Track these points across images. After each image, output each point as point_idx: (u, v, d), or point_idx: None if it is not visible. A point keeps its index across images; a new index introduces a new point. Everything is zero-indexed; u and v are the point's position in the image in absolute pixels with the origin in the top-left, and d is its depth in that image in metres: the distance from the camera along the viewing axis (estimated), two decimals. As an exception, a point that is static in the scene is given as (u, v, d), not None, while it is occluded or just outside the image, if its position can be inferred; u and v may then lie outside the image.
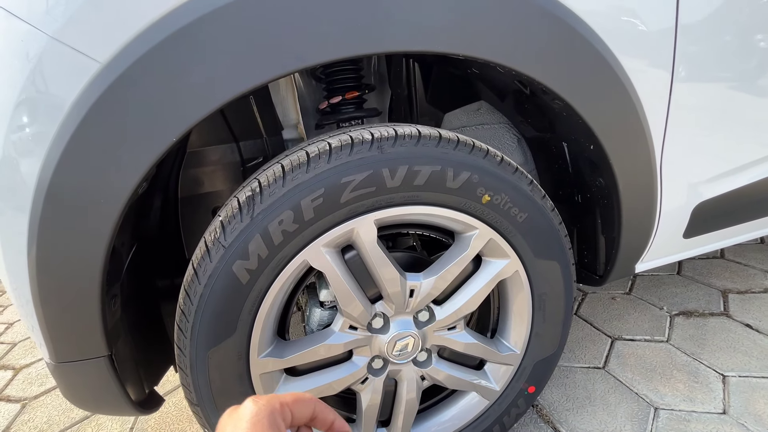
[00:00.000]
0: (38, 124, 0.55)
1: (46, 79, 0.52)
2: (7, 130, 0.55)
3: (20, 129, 0.55)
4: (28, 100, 0.54)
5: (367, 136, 0.64)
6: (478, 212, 0.71)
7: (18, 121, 0.54)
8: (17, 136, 0.55)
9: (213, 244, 0.62)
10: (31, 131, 0.55)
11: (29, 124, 0.54)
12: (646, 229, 0.85)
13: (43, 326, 0.62)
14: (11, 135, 0.55)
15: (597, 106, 0.70)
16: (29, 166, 0.55)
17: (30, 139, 0.54)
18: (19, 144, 0.55)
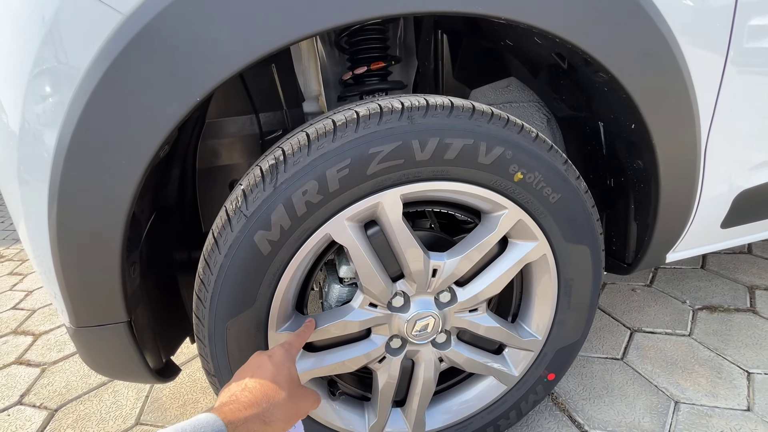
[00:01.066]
0: (57, 82, 0.53)
1: (65, 32, 0.50)
2: (26, 91, 0.53)
3: (39, 88, 0.53)
4: (47, 56, 0.52)
5: (396, 105, 0.61)
6: (508, 191, 0.67)
7: (36, 80, 0.52)
8: (36, 98, 0.53)
9: (234, 213, 0.60)
10: (50, 90, 0.53)
11: (48, 83, 0.52)
12: (683, 217, 0.81)
13: (63, 291, 0.62)
14: (30, 96, 0.53)
15: (646, 81, 0.65)
16: (49, 128, 0.53)
17: (49, 99, 0.52)
18: (38, 105, 0.54)
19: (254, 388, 0.50)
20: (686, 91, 0.68)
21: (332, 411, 0.78)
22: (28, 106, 0.54)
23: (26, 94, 0.53)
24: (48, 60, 0.52)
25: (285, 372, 0.53)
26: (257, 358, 0.55)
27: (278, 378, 0.52)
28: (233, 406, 0.47)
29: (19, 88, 0.54)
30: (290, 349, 0.58)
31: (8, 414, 1.21)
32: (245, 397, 0.48)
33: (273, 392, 0.50)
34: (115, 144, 0.53)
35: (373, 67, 0.85)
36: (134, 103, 0.53)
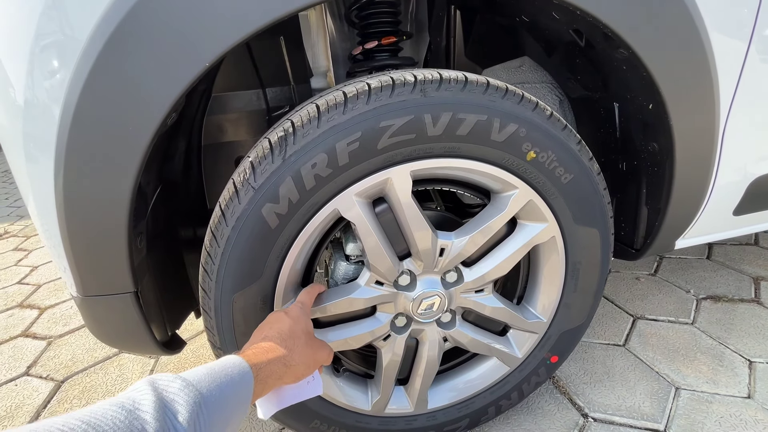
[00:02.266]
0: (59, 52, 0.51)
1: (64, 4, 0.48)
2: (29, 64, 0.52)
3: (42, 60, 0.52)
4: (48, 27, 0.51)
5: (409, 78, 0.59)
6: (520, 170, 0.66)
7: (39, 52, 0.51)
8: (39, 70, 0.52)
9: (242, 185, 0.59)
10: (53, 61, 0.52)
11: (50, 54, 0.51)
12: (696, 202, 0.79)
13: (71, 260, 0.61)
14: (33, 68, 0.52)
15: (667, 58, 0.63)
16: (53, 100, 0.52)
17: (52, 70, 0.51)
18: (42, 77, 0.52)
19: (274, 336, 0.54)
20: (708, 72, 0.66)
21: (336, 387, 0.79)
22: (32, 79, 0.53)
23: (29, 67, 0.52)
24: (50, 31, 0.51)
25: (302, 323, 0.58)
26: (274, 314, 0.59)
27: (295, 328, 0.56)
28: (256, 350, 0.50)
29: (22, 62, 0.53)
30: (303, 306, 0.63)
31: (16, 384, 1.23)
32: (267, 344, 0.52)
33: (291, 340, 0.54)
34: (121, 112, 0.52)
35: (384, 41, 0.83)
36: (141, 70, 0.51)
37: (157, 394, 0.35)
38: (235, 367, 0.44)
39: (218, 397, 0.40)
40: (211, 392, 0.39)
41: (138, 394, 0.35)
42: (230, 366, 0.44)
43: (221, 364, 0.44)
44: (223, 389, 0.41)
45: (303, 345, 0.55)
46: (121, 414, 0.32)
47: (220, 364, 0.44)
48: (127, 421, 0.32)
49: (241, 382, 0.44)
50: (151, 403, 0.34)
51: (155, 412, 0.33)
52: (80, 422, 0.30)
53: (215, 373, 0.42)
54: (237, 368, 0.44)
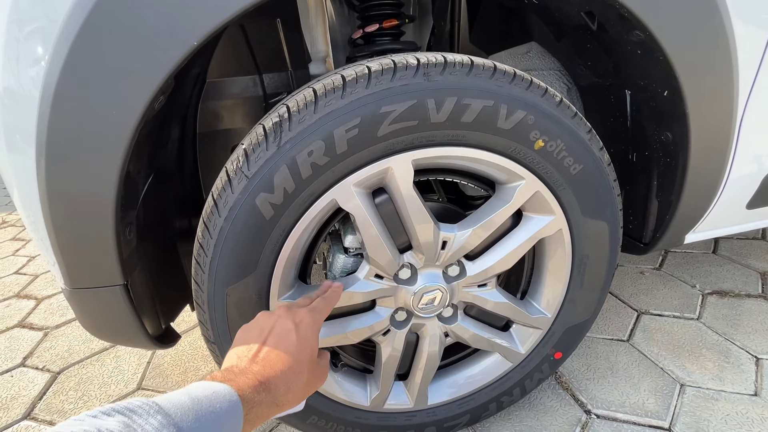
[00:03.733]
0: (35, 35, 0.48)
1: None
2: (5, 42, 0.49)
3: (18, 39, 0.48)
4: (22, 7, 0.47)
5: (412, 61, 0.56)
6: (527, 160, 0.63)
7: (14, 31, 0.47)
8: (14, 54, 0.49)
9: (235, 173, 0.56)
10: (29, 41, 0.48)
11: (26, 33, 0.48)
12: (709, 195, 0.76)
13: (56, 251, 0.59)
14: (7, 52, 0.49)
15: (686, 42, 0.59)
16: (31, 83, 0.49)
17: (29, 51, 0.48)
18: (19, 58, 0.49)
19: (276, 363, 0.46)
20: (729, 58, 0.62)
21: (334, 382, 0.77)
22: (8, 64, 0.50)
23: (4, 51, 0.49)
24: (25, 10, 0.47)
25: (308, 350, 0.49)
26: (284, 322, 0.50)
27: (301, 356, 0.48)
28: (249, 380, 0.42)
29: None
30: (318, 318, 0.54)
31: (11, 375, 1.21)
32: (265, 373, 0.44)
33: (293, 375, 0.46)
34: (103, 95, 0.49)
35: (386, 24, 0.79)
36: (123, 50, 0.48)
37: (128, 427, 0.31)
38: (225, 402, 0.38)
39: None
40: (191, 427, 0.34)
41: (113, 424, 0.30)
42: (219, 400, 0.38)
43: (206, 393, 0.38)
44: (205, 422, 0.35)
45: (303, 382, 0.48)
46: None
47: (207, 396, 0.38)
48: None
49: (228, 415, 0.38)
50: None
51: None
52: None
53: (199, 404, 0.36)
54: (227, 403, 0.38)
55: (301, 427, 0.78)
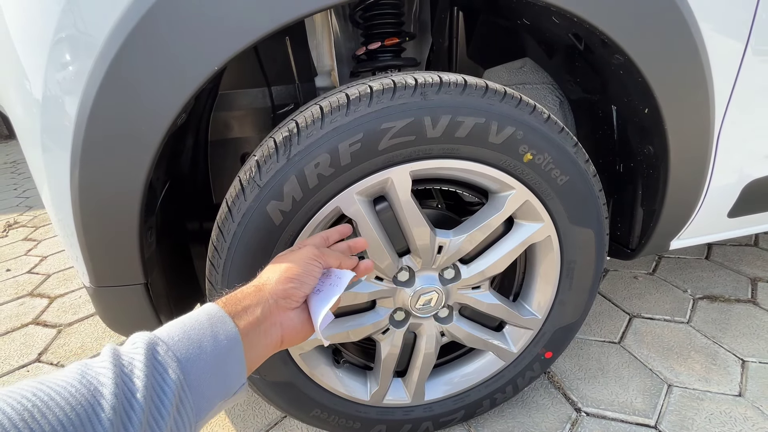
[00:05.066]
0: (78, 49, 0.54)
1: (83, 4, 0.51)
2: (48, 58, 0.54)
3: (61, 56, 0.54)
4: (68, 23, 0.53)
5: (410, 81, 0.61)
6: (517, 171, 0.68)
7: (58, 48, 0.53)
8: (58, 65, 0.54)
9: (248, 183, 0.62)
10: (71, 58, 0.54)
11: (69, 51, 0.53)
12: (690, 204, 0.81)
13: (84, 252, 0.64)
14: (52, 63, 0.55)
15: (662, 64, 0.64)
16: (70, 96, 0.55)
17: (70, 67, 0.53)
18: (60, 72, 0.55)
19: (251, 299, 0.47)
20: (703, 77, 0.67)
21: (336, 378, 0.82)
22: (51, 74, 0.55)
23: (48, 62, 0.55)
24: (69, 27, 0.53)
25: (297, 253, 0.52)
26: None
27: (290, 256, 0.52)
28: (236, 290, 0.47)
29: (41, 56, 0.55)
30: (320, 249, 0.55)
31: (27, 370, 1.27)
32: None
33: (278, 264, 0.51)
34: (135, 111, 0.55)
35: (387, 42, 0.85)
36: (153, 72, 0.54)
37: (114, 346, 0.35)
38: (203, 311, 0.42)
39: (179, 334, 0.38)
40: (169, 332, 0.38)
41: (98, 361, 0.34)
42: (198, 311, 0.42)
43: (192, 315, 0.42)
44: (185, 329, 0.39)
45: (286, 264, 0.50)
46: (75, 366, 0.32)
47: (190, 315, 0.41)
48: (78, 370, 0.31)
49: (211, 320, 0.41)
50: (108, 352, 0.33)
51: (110, 357, 0.33)
52: (34, 380, 0.30)
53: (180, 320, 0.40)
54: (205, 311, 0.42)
55: (305, 420, 0.83)
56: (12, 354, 1.35)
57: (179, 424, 0.35)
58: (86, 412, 0.29)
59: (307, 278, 0.50)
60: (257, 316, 0.45)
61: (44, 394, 0.28)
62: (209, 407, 0.39)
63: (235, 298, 0.46)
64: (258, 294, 0.47)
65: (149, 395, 0.33)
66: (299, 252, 0.53)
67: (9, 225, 2.59)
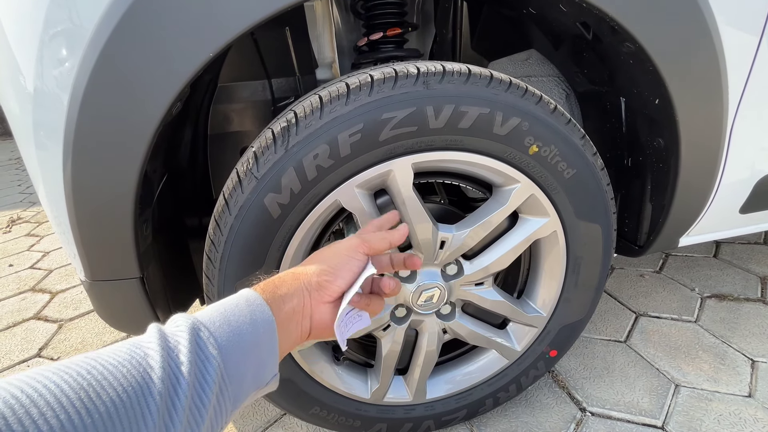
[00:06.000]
0: (68, 41, 0.52)
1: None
2: (38, 52, 0.53)
3: (50, 49, 0.53)
4: (56, 16, 0.51)
5: (412, 70, 0.59)
6: (522, 164, 0.66)
7: (47, 40, 0.51)
8: (48, 58, 0.53)
9: (245, 174, 0.60)
10: (61, 50, 0.52)
11: (59, 43, 0.52)
12: (701, 200, 0.79)
13: (79, 245, 0.63)
14: (42, 57, 0.53)
15: (675, 52, 0.62)
16: (61, 85, 0.53)
17: (61, 59, 0.52)
18: (51, 65, 0.53)
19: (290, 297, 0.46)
20: (717, 67, 0.65)
21: (336, 376, 0.80)
22: (41, 67, 0.54)
23: (38, 55, 0.53)
24: (58, 18, 0.52)
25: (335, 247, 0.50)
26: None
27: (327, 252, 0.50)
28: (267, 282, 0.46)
29: (31, 49, 0.53)
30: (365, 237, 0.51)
31: (28, 365, 1.27)
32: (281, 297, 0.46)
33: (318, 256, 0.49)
34: (127, 100, 0.53)
35: (389, 33, 0.83)
36: (146, 59, 0.52)
37: (160, 327, 0.35)
38: (242, 296, 0.42)
39: (220, 319, 0.38)
40: (212, 317, 0.38)
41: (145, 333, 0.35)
42: (237, 296, 0.42)
43: (231, 300, 0.41)
44: (227, 314, 0.39)
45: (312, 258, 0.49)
46: (125, 346, 0.32)
47: (230, 300, 0.41)
48: (128, 350, 0.32)
49: (250, 306, 0.40)
50: (155, 333, 0.34)
51: (158, 339, 0.33)
52: (84, 356, 0.30)
53: (221, 303, 0.40)
54: (244, 296, 0.42)
55: (305, 417, 0.81)
56: (13, 349, 1.35)
57: (218, 413, 0.35)
58: (137, 395, 0.29)
59: (342, 271, 0.47)
60: (293, 305, 0.44)
61: (98, 373, 0.29)
62: (244, 396, 0.39)
63: (273, 284, 0.45)
64: (295, 282, 0.46)
65: (193, 382, 0.33)
66: (342, 243, 0.50)
67: (12, 221, 2.60)
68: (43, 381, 0.27)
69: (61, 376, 0.27)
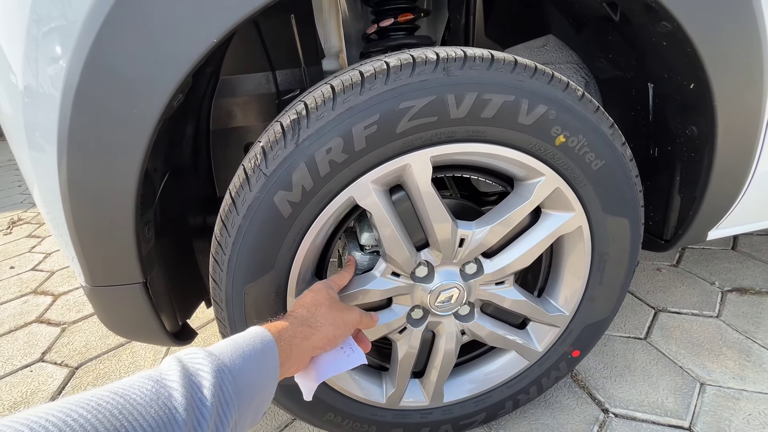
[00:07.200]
0: (56, 30, 0.48)
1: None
2: (26, 47, 0.49)
3: (39, 39, 0.49)
4: (43, 8, 0.47)
5: (431, 56, 0.55)
6: (548, 156, 0.62)
7: (35, 30, 0.47)
8: (36, 53, 0.49)
9: (253, 171, 0.56)
10: (49, 40, 0.48)
11: (47, 32, 0.48)
12: (734, 191, 0.74)
13: (78, 249, 0.59)
14: (30, 52, 0.49)
15: (715, 32, 0.57)
16: (53, 81, 0.49)
17: (50, 50, 0.48)
18: (40, 57, 0.49)
19: (295, 308, 0.55)
20: (760, 50, 0.60)
21: (351, 380, 0.77)
22: (30, 63, 0.50)
23: (27, 51, 0.49)
24: (45, 10, 0.47)
25: (324, 293, 0.58)
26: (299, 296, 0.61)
27: (317, 297, 0.57)
28: (278, 320, 0.51)
29: (19, 45, 0.50)
30: (329, 283, 0.62)
31: (31, 370, 1.24)
32: (288, 315, 0.54)
33: (313, 305, 0.55)
34: (124, 94, 0.49)
35: (401, 19, 0.78)
36: (144, 48, 0.48)
37: (183, 365, 0.37)
38: (257, 336, 0.46)
39: (241, 365, 0.41)
40: (233, 361, 0.41)
41: (165, 366, 0.37)
42: (252, 335, 0.46)
43: (243, 335, 0.46)
44: (246, 357, 0.42)
45: (326, 308, 0.55)
46: (149, 384, 0.34)
47: (242, 336, 0.46)
48: (154, 390, 0.33)
49: (265, 349, 0.45)
50: (177, 373, 0.35)
51: (181, 380, 0.35)
52: (109, 393, 0.31)
53: (238, 344, 0.43)
54: (259, 336, 0.46)
55: (318, 424, 0.78)
56: (16, 353, 1.32)
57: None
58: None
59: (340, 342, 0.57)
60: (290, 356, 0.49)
61: (129, 413, 0.30)
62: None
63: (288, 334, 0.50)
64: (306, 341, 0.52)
65: (213, 427, 0.36)
66: (351, 315, 0.58)
67: (13, 222, 2.57)
68: (78, 419, 0.28)
69: (95, 415, 0.29)
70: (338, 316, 0.56)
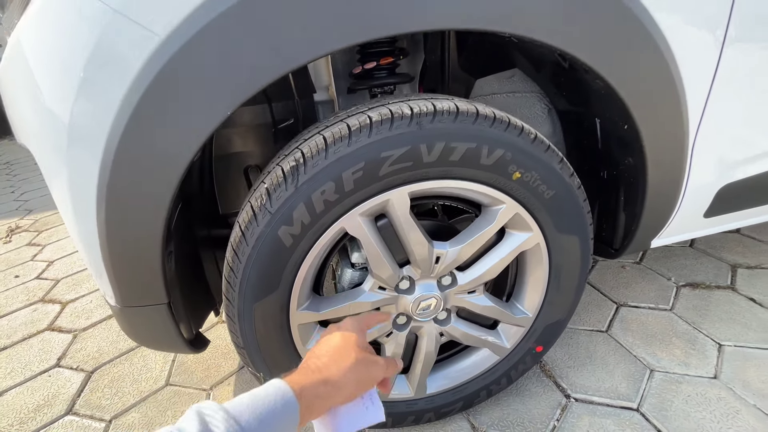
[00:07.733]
0: (105, 93, 0.58)
1: (112, 49, 0.55)
2: (74, 101, 0.58)
3: (88, 100, 0.58)
4: (95, 67, 0.57)
5: (406, 111, 0.66)
6: (507, 188, 0.74)
7: (85, 92, 0.57)
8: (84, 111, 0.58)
9: (260, 209, 0.67)
10: (98, 102, 0.58)
11: (96, 93, 0.58)
12: (668, 208, 0.87)
13: (112, 279, 0.70)
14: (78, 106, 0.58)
15: (639, 89, 0.69)
16: (97, 137, 0.59)
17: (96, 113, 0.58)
18: (86, 118, 0.59)
19: (322, 354, 0.53)
20: (677, 98, 0.72)
21: (345, 377, 0.89)
22: (76, 119, 0.59)
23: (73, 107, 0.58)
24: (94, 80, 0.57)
25: (353, 339, 0.56)
26: (328, 331, 0.61)
27: (346, 343, 0.55)
28: (301, 372, 0.50)
29: (68, 99, 0.58)
30: (361, 320, 0.63)
31: (49, 375, 1.34)
32: (313, 363, 0.52)
33: (340, 356, 0.53)
34: (156, 156, 0.59)
35: (383, 62, 0.89)
36: (176, 113, 0.58)
37: (203, 424, 0.39)
38: (278, 393, 0.45)
39: (257, 427, 0.42)
40: (250, 424, 0.41)
41: (185, 423, 0.39)
42: (273, 393, 0.45)
43: (264, 392, 0.45)
44: (263, 419, 0.42)
45: (352, 361, 0.53)
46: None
47: (263, 392, 0.45)
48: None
49: (284, 410, 0.44)
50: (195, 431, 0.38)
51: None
52: None
53: (257, 404, 0.43)
54: (280, 394, 0.45)
55: (318, 415, 0.90)
56: (32, 360, 1.41)
57: None
58: None
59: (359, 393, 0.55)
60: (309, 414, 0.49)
61: None
62: None
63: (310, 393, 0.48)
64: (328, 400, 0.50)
65: None
66: (376, 371, 0.56)
67: (11, 230, 2.62)
68: None
69: None
70: (364, 372, 0.53)
